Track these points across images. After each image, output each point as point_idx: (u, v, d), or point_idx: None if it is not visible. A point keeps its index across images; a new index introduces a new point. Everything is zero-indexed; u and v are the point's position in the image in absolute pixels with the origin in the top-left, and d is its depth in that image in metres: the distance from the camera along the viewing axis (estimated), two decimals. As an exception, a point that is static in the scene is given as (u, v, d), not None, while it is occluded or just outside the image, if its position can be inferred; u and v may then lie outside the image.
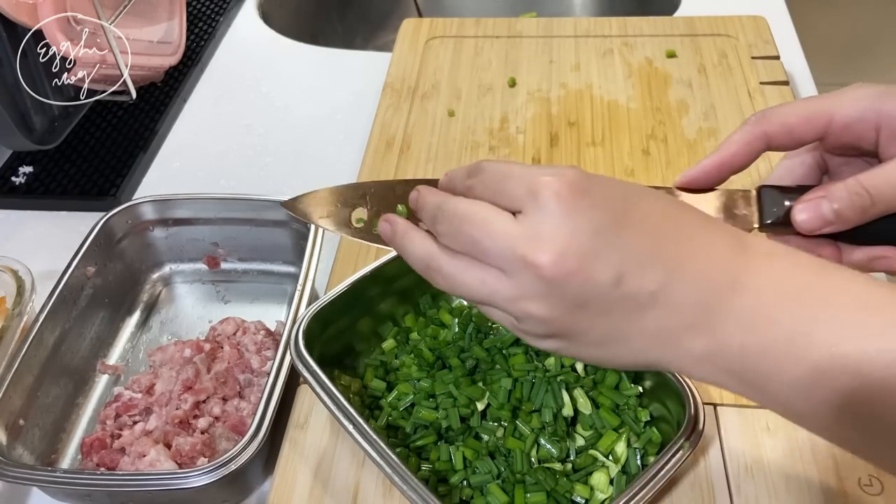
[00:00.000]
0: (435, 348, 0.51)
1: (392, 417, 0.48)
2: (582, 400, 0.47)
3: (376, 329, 0.54)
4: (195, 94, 0.88)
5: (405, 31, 0.85)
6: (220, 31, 0.96)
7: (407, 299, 0.55)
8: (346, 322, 0.52)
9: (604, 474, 0.45)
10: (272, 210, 0.62)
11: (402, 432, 0.48)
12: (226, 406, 0.55)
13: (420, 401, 0.48)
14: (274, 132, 0.81)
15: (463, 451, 0.45)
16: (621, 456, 0.45)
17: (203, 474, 0.44)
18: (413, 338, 0.53)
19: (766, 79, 0.73)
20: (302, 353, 0.47)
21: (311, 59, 0.93)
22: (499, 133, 0.71)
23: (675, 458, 0.41)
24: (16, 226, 0.73)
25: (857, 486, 0.44)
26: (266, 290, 0.65)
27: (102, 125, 0.82)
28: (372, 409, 0.50)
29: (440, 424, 0.47)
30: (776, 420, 0.48)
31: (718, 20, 0.81)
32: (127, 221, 0.62)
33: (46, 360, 0.54)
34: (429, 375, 0.49)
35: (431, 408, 0.47)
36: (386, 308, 0.54)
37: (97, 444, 0.52)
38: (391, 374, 0.51)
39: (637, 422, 0.46)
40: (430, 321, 0.54)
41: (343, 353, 0.52)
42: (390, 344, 0.53)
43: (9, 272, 0.59)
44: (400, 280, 0.53)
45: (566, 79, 0.77)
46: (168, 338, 0.62)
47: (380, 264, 0.51)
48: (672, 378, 0.45)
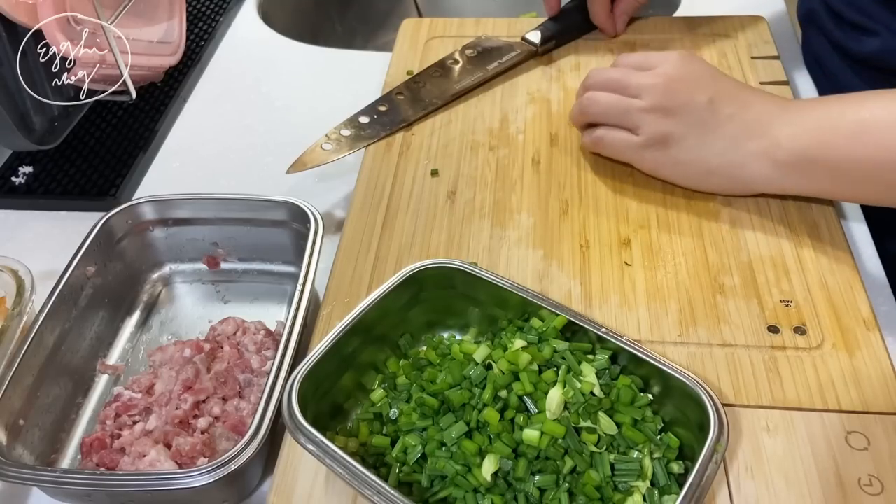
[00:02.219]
0: (437, 393, 0.47)
1: (403, 473, 0.45)
2: (605, 422, 0.45)
3: (360, 381, 0.51)
4: (195, 94, 0.88)
5: (405, 31, 0.85)
6: (220, 31, 0.96)
7: (385, 343, 0.52)
8: (332, 379, 0.48)
9: (637, 494, 0.44)
10: (272, 210, 0.62)
11: (418, 487, 0.44)
12: (226, 406, 0.55)
13: (433, 451, 0.44)
14: (274, 132, 0.81)
15: (491, 499, 0.43)
16: (648, 470, 0.44)
17: (203, 474, 0.44)
18: (401, 382, 0.50)
19: (766, 79, 0.73)
20: (299, 421, 0.43)
21: (311, 59, 0.93)
22: (499, 133, 0.71)
23: (715, 458, 0.41)
24: (16, 226, 0.73)
25: (857, 486, 0.44)
26: (266, 290, 0.65)
27: (102, 125, 0.82)
28: (377, 467, 0.46)
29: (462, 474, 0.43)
30: (776, 420, 0.48)
31: (718, 20, 0.81)
32: (127, 221, 0.62)
33: (46, 360, 0.54)
34: (434, 423, 0.46)
35: (447, 457, 0.44)
36: (367, 358, 0.51)
37: (97, 444, 0.52)
38: (388, 425, 0.48)
39: (655, 433, 0.45)
40: (417, 362, 0.51)
41: (331, 413, 0.49)
42: (380, 394, 0.49)
43: (9, 272, 0.59)
44: (378, 327, 0.50)
45: (566, 79, 0.77)
46: (168, 338, 0.62)
47: (359, 313, 0.48)
48: (686, 381, 0.44)
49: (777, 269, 0.56)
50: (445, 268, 0.51)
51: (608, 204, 0.63)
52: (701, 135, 0.58)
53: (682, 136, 0.59)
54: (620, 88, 0.61)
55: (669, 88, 0.59)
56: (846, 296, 0.54)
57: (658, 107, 0.59)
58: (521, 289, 0.50)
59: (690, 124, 0.58)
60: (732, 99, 0.58)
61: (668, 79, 0.59)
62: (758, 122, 0.57)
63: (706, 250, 0.58)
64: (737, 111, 0.58)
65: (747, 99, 0.59)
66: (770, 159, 0.57)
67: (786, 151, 0.56)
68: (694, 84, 0.59)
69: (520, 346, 0.47)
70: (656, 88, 0.59)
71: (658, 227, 0.60)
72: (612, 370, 0.48)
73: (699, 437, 0.43)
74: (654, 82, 0.60)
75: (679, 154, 0.60)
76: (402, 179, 0.67)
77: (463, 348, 0.49)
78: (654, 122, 0.59)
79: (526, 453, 0.44)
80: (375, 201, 0.65)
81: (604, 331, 0.48)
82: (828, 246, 0.57)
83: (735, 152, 0.58)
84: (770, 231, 0.59)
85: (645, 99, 0.60)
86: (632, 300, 0.55)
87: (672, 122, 0.59)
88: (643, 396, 0.47)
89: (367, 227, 0.63)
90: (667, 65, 0.60)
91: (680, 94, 0.59)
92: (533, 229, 0.61)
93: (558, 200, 0.64)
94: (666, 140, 0.59)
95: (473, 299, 0.52)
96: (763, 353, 0.51)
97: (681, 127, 0.59)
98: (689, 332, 0.53)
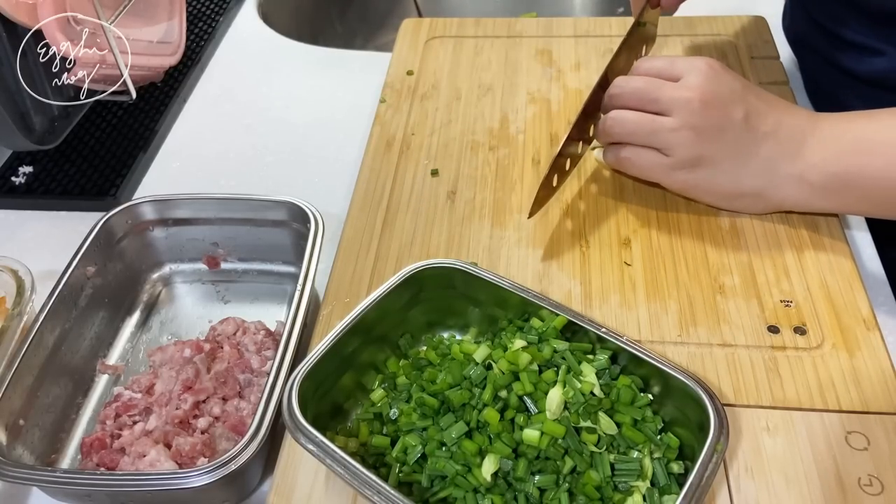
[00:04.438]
0: (437, 393, 0.47)
1: (403, 473, 0.45)
2: (605, 422, 0.45)
3: (360, 381, 0.51)
4: (195, 94, 0.88)
5: (405, 31, 0.85)
6: (220, 31, 0.96)
7: (385, 343, 0.52)
8: (332, 379, 0.48)
9: (637, 494, 0.44)
10: (272, 210, 0.62)
11: (418, 487, 0.44)
12: (226, 406, 0.55)
13: (433, 451, 0.44)
14: (274, 132, 0.81)
15: (491, 498, 0.43)
16: (647, 470, 0.44)
17: (203, 474, 0.44)
18: (401, 382, 0.50)
19: (766, 79, 0.73)
20: (299, 421, 0.43)
21: (311, 59, 0.93)
22: (499, 133, 0.71)
23: (715, 458, 0.41)
24: (16, 226, 0.73)
25: (857, 486, 0.44)
26: (266, 290, 0.65)
27: (102, 125, 0.82)
28: (377, 467, 0.46)
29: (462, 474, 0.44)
30: (776, 420, 0.48)
31: (718, 20, 0.81)
32: (127, 221, 0.62)
33: (46, 360, 0.54)
34: (434, 423, 0.46)
35: (447, 457, 0.44)
36: (367, 358, 0.51)
37: (97, 444, 0.52)
38: (388, 425, 0.48)
39: (655, 433, 0.45)
40: (417, 362, 0.51)
41: (331, 413, 0.49)
42: (380, 394, 0.50)
43: (9, 272, 0.59)
44: (378, 327, 0.50)
45: (566, 79, 0.77)
46: (168, 338, 0.62)
47: (359, 313, 0.48)
48: (687, 380, 0.44)
49: (777, 269, 0.56)
50: (445, 268, 0.51)
51: (608, 204, 0.63)
52: (736, 156, 0.56)
53: (717, 158, 0.56)
54: (649, 101, 0.56)
55: (703, 105, 0.55)
56: (846, 296, 0.54)
57: (691, 126, 0.55)
58: (521, 289, 0.50)
59: (726, 144, 0.55)
60: (766, 115, 0.56)
61: (701, 93, 0.55)
62: (791, 141, 0.55)
63: (706, 250, 0.58)
64: (772, 129, 0.55)
65: (780, 115, 0.56)
66: (805, 183, 0.55)
67: (820, 175, 0.54)
68: (728, 100, 0.55)
69: (520, 346, 0.47)
70: (689, 105, 0.55)
71: (658, 227, 0.60)
72: (612, 370, 0.48)
73: (699, 437, 0.43)
74: (686, 97, 0.55)
75: (712, 176, 0.57)
76: (402, 179, 0.67)
77: (463, 348, 0.49)
78: (686, 144, 0.55)
79: (526, 453, 0.44)
80: (375, 201, 0.65)
81: (604, 331, 0.48)
82: (828, 246, 0.57)
83: (769, 174, 0.56)
84: (770, 231, 0.59)
85: (676, 117, 0.55)
86: (632, 300, 0.55)
87: (706, 143, 0.55)
88: (643, 396, 0.47)
89: (367, 227, 0.63)
90: (696, 75, 0.55)
91: (714, 113, 0.55)
92: (533, 229, 0.61)
93: (558, 200, 0.64)
94: (698, 162, 0.56)
95: (473, 299, 0.52)
96: (763, 353, 0.51)
97: (715, 148, 0.55)
98: (689, 332, 0.53)
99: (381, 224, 0.63)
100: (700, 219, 0.60)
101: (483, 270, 0.51)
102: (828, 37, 0.73)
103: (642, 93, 0.57)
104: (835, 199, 0.56)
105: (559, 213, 0.63)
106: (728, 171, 0.56)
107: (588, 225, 0.61)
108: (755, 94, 0.57)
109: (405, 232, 0.62)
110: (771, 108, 0.56)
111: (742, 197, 0.58)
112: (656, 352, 0.47)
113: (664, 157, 0.57)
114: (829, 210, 0.58)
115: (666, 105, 0.56)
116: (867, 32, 0.68)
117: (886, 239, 0.63)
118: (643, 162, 0.59)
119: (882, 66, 0.67)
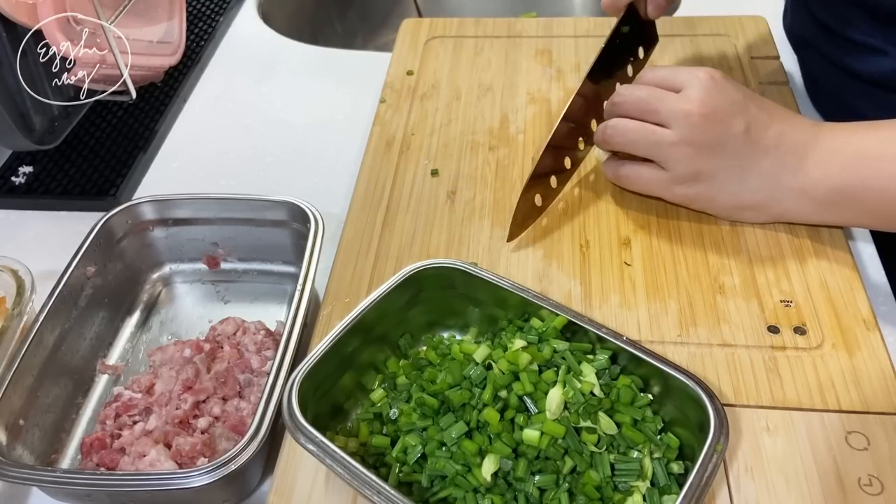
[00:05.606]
0: (437, 393, 0.47)
1: (403, 473, 0.45)
2: (605, 422, 0.45)
3: (360, 381, 0.51)
4: (195, 94, 0.88)
5: (405, 31, 0.85)
6: (220, 31, 0.96)
7: (385, 343, 0.52)
8: (332, 380, 0.48)
9: (637, 494, 0.44)
10: (272, 210, 0.62)
11: (418, 487, 0.44)
12: (226, 406, 0.55)
13: (433, 451, 0.44)
14: (274, 132, 0.81)
15: (491, 498, 0.43)
16: (647, 470, 0.44)
17: (203, 474, 0.44)
18: (401, 382, 0.50)
19: (766, 79, 0.73)
20: (299, 421, 0.43)
21: (311, 59, 0.93)
22: (499, 133, 0.71)
23: (715, 458, 0.41)
24: (16, 226, 0.73)
25: (857, 486, 0.44)
26: (266, 290, 0.65)
27: (102, 125, 0.82)
28: (377, 467, 0.46)
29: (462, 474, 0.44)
30: (776, 420, 0.48)
31: (718, 20, 0.81)
32: (127, 221, 0.62)
33: (46, 360, 0.54)
34: (434, 423, 0.46)
35: (447, 457, 0.44)
36: (367, 358, 0.51)
37: (97, 444, 0.52)
38: (388, 425, 0.48)
39: (655, 433, 0.45)
40: (417, 362, 0.51)
41: (331, 413, 0.49)
42: (380, 394, 0.50)
43: (9, 272, 0.59)
44: (378, 327, 0.50)
45: (566, 79, 0.77)
46: (168, 338, 0.62)
47: (359, 313, 0.48)
48: (686, 380, 0.44)
49: (777, 269, 0.56)
50: (445, 268, 0.51)
51: (608, 204, 0.63)
52: (736, 171, 0.55)
53: (716, 173, 0.56)
54: (650, 112, 0.56)
55: (703, 119, 0.54)
56: (846, 296, 0.54)
57: (690, 140, 0.54)
58: (521, 289, 0.50)
59: (726, 159, 0.55)
60: (767, 127, 0.55)
61: (701, 106, 0.54)
62: (793, 155, 0.55)
63: (706, 250, 0.58)
64: (773, 142, 0.55)
65: (782, 126, 0.55)
66: (806, 197, 0.55)
67: (823, 189, 0.54)
68: (728, 112, 0.54)
69: (520, 346, 0.47)
70: (689, 119, 0.54)
71: (658, 228, 0.60)
72: (612, 370, 0.48)
73: (699, 437, 0.43)
74: (685, 110, 0.54)
75: (712, 190, 0.57)
76: (402, 179, 0.67)
77: (463, 348, 0.49)
78: (685, 159, 0.55)
79: (526, 453, 0.44)
80: (375, 201, 0.65)
81: (604, 331, 0.48)
82: (828, 246, 0.57)
83: (770, 189, 0.56)
84: (770, 231, 0.59)
85: (675, 130, 0.55)
86: (632, 300, 0.55)
87: (705, 158, 0.55)
88: (643, 396, 0.47)
89: (367, 227, 0.63)
90: (697, 87, 0.55)
91: (714, 126, 0.54)
92: (533, 229, 0.61)
93: (559, 200, 0.63)
94: (697, 177, 0.56)
95: (473, 299, 0.52)
96: (763, 353, 0.51)
97: (714, 163, 0.55)
98: (689, 332, 0.53)
99: (381, 224, 0.63)
100: (700, 219, 0.60)
101: (483, 270, 0.51)
102: (831, 36, 0.72)
103: (644, 103, 0.57)
104: (837, 213, 0.56)
105: (559, 213, 0.62)
106: (728, 185, 0.56)
107: (588, 225, 0.61)
108: (757, 104, 0.56)
109: (405, 232, 0.62)
110: (772, 119, 0.56)
111: (743, 210, 0.58)
112: (656, 352, 0.47)
113: (663, 172, 0.57)
114: (832, 223, 0.58)
115: (666, 117, 0.55)
116: (872, 32, 0.68)
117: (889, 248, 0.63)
118: (642, 179, 0.59)
119: (886, 67, 0.67)
